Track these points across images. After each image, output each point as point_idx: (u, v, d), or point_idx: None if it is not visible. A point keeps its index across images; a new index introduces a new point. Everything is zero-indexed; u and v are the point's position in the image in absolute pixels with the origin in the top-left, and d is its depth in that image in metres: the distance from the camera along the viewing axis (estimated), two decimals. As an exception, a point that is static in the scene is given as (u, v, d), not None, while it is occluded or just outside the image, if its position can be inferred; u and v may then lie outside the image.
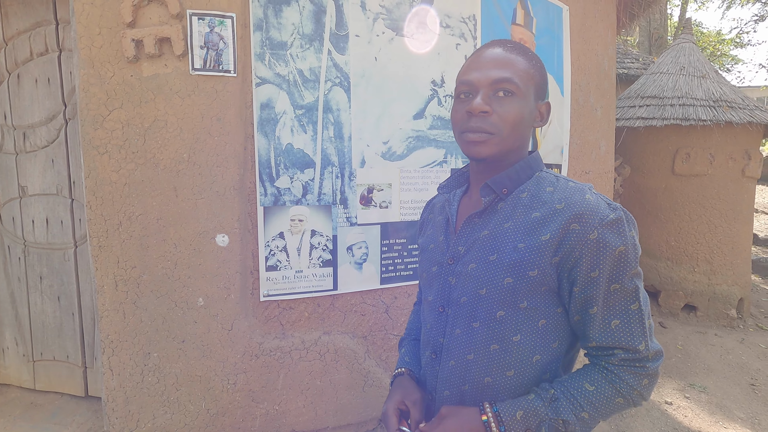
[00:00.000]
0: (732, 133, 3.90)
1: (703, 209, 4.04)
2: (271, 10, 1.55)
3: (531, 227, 0.74)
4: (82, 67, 1.42)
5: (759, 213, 8.47)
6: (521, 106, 0.76)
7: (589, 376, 0.74)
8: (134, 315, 1.52)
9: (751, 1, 15.67)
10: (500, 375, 0.77)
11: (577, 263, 0.71)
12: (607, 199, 0.74)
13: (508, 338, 0.76)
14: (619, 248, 0.70)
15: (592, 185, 0.76)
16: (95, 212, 1.47)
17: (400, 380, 0.91)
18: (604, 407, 0.72)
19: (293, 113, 1.61)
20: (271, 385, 1.64)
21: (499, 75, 0.75)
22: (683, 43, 4.47)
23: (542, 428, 0.71)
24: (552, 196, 0.76)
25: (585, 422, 0.72)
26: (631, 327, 0.71)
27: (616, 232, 0.70)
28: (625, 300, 0.72)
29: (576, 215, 0.71)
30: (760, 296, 4.81)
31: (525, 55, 0.78)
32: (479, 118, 0.75)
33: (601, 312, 0.72)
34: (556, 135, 2.23)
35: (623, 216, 0.72)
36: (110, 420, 1.57)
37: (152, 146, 1.47)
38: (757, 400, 2.89)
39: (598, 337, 0.73)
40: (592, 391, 0.72)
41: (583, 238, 0.70)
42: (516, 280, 0.74)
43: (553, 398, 0.72)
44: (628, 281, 0.71)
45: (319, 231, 1.67)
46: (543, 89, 0.81)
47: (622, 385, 0.72)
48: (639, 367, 0.72)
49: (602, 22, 2.57)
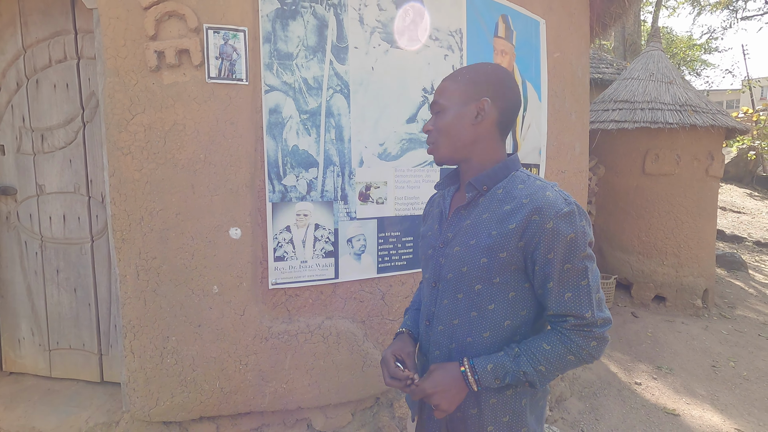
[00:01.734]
0: (696, 136, 4.20)
1: (671, 206, 4.33)
2: (279, 24, 1.71)
3: (502, 217, 0.92)
4: (107, 75, 1.55)
5: (727, 211, 8.92)
6: (448, 117, 0.98)
7: (547, 337, 0.91)
8: (154, 302, 1.66)
9: (719, 8, 16.37)
10: (479, 336, 0.96)
11: (537, 247, 0.88)
12: (566, 196, 0.90)
13: (484, 307, 0.95)
14: (570, 235, 0.86)
15: (556, 184, 0.94)
16: (119, 208, 1.61)
17: (401, 336, 1.11)
18: (558, 362, 0.89)
19: (298, 117, 1.77)
20: (279, 366, 1.80)
21: (433, 101, 1.01)
22: (652, 51, 4.76)
23: (507, 378, 0.90)
24: (521, 192, 0.92)
25: (542, 374, 0.89)
26: (581, 299, 0.87)
27: (568, 222, 0.86)
28: (576, 277, 0.87)
29: (537, 208, 0.87)
30: (724, 288, 5.15)
31: (449, 78, 1.00)
32: (428, 135, 1.02)
33: (556, 286, 0.88)
34: (534, 137, 2.44)
35: (575, 209, 0.88)
36: (131, 399, 1.70)
37: (171, 147, 1.61)
38: (717, 379, 3.16)
39: (555, 307, 0.89)
40: (548, 350, 0.89)
41: (542, 226, 0.86)
42: (490, 260, 0.92)
43: (517, 354, 0.90)
44: (578, 262, 0.87)
45: (322, 225, 1.84)
46: (472, 91, 0.96)
47: (572, 345, 0.88)
48: (587, 331, 0.88)
49: (576, 33, 2.80)
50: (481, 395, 0.96)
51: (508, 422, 0.97)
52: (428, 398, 0.93)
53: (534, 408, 1.02)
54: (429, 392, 0.92)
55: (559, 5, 2.59)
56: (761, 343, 3.77)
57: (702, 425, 2.57)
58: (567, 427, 2.50)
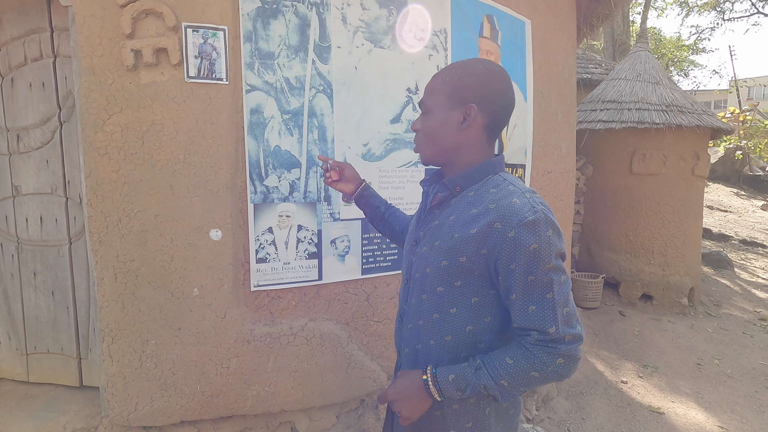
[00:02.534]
0: (682, 136, 4.24)
1: (658, 206, 4.36)
2: (260, 23, 1.69)
3: (467, 221, 0.89)
4: (83, 74, 1.52)
5: (714, 210, 9.03)
6: (434, 119, 0.96)
7: (511, 351, 0.86)
8: (133, 305, 1.63)
9: (707, 9, 16.57)
10: (441, 339, 0.95)
11: (499, 256, 0.84)
12: (535, 204, 0.84)
13: (446, 310, 0.93)
14: (533, 246, 0.81)
15: (533, 190, 0.90)
16: (95, 209, 1.57)
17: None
18: (521, 378, 0.84)
19: (281, 118, 1.75)
20: (261, 369, 1.78)
21: (421, 101, 0.99)
22: (639, 52, 4.80)
23: (468, 389, 0.87)
24: (490, 197, 0.88)
25: (504, 389, 0.85)
26: (545, 313, 0.82)
27: (531, 232, 0.81)
28: (540, 290, 0.82)
29: (500, 215, 0.83)
30: (710, 286, 5.21)
31: (438, 76, 0.97)
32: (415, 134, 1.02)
33: (520, 299, 0.84)
34: (520, 138, 2.44)
35: (542, 218, 0.82)
36: (109, 404, 1.67)
37: (150, 148, 1.58)
38: (702, 377, 3.19)
39: (519, 320, 0.85)
40: (511, 364, 0.84)
41: (503, 235, 0.82)
42: (450, 263, 0.90)
43: (478, 367, 0.87)
44: (542, 274, 0.82)
45: (305, 226, 1.82)
46: (459, 94, 0.92)
47: (536, 361, 0.83)
48: (551, 347, 0.82)
49: (562, 34, 2.81)
50: (444, 400, 0.94)
51: (471, 428, 0.96)
52: (391, 405, 0.94)
53: (502, 417, 1.00)
54: (391, 399, 0.93)
55: (544, 6, 2.59)
56: (746, 341, 3.82)
57: (686, 423, 2.59)
58: (553, 427, 2.50)
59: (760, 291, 5.20)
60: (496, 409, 0.98)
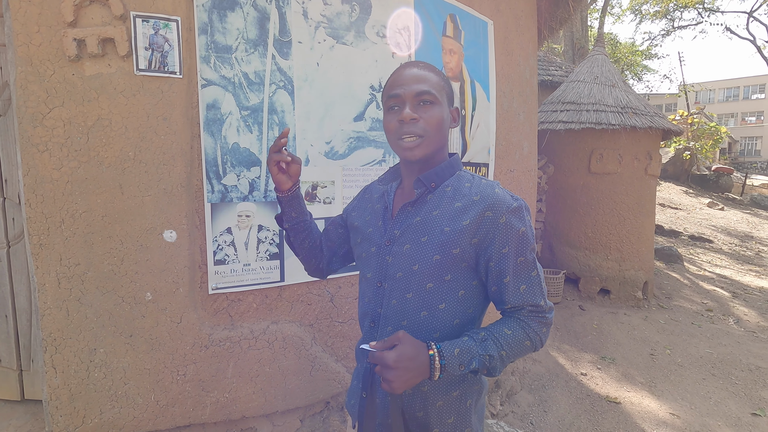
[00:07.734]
0: (636, 137, 4.43)
1: (614, 204, 4.55)
2: (216, 15, 1.62)
3: (454, 214, 0.92)
4: (19, 64, 1.41)
5: (665, 207, 9.53)
6: (440, 111, 0.95)
7: (507, 323, 0.92)
8: (78, 312, 1.53)
9: (658, 17, 17.45)
10: (429, 337, 0.94)
11: (491, 242, 0.90)
12: (510, 193, 0.94)
13: (435, 306, 0.94)
14: (522, 229, 0.90)
15: (499, 182, 0.97)
16: (35, 210, 1.46)
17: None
18: (517, 347, 0.91)
19: (239, 114, 1.68)
20: (221, 374, 1.71)
21: (420, 88, 0.93)
22: (597, 55, 4.98)
23: (473, 362, 0.87)
24: (470, 190, 0.94)
25: (503, 359, 0.90)
26: (534, 289, 0.92)
27: (518, 217, 0.90)
28: (528, 269, 0.92)
29: (489, 205, 0.90)
30: (662, 280, 5.48)
31: (435, 71, 0.98)
32: (410, 124, 0.93)
33: (512, 280, 0.91)
34: (483, 137, 2.47)
35: (523, 204, 0.92)
36: (53, 418, 1.56)
37: (96, 144, 1.49)
38: (655, 367, 3.34)
39: (512, 300, 0.92)
40: (509, 334, 0.90)
41: (495, 222, 0.89)
42: (442, 257, 0.91)
43: (483, 339, 0.89)
44: (529, 254, 0.92)
45: (266, 226, 1.76)
46: (452, 97, 1.01)
47: (530, 330, 0.92)
48: (541, 317, 0.93)
49: (524, 36, 2.86)
50: (428, 398, 0.95)
51: (453, 423, 0.97)
52: (385, 370, 0.83)
53: (478, 409, 1.03)
54: (390, 365, 0.82)
55: (506, 7, 2.63)
56: (694, 331, 4.04)
57: (641, 411, 2.71)
58: (517, 420, 2.55)
59: (707, 283, 5.53)
60: (476, 400, 1.01)
